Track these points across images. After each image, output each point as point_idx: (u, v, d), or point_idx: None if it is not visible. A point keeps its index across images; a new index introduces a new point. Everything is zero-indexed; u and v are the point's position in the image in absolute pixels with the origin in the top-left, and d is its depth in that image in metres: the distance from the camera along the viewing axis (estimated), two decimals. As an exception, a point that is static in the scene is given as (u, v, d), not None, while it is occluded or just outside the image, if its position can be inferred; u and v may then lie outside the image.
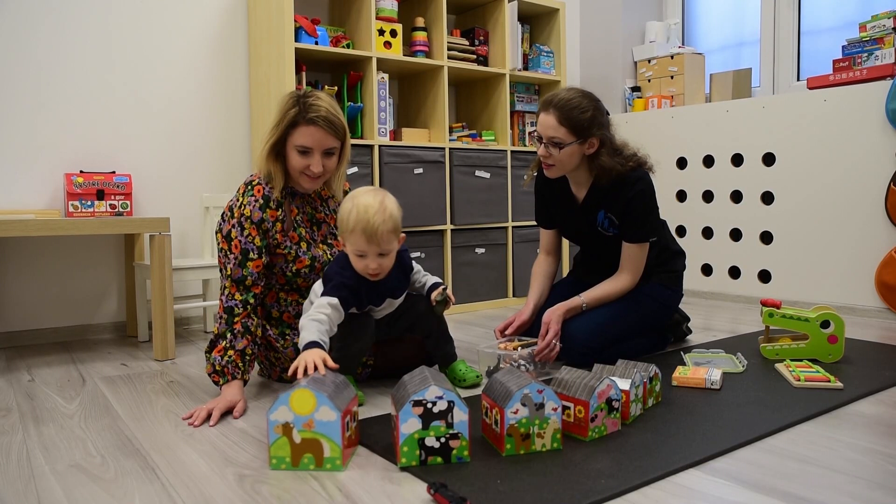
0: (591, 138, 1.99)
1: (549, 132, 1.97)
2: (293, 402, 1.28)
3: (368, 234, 1.61)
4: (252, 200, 1.79)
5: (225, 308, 1.76)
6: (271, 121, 1.81)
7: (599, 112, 2.00)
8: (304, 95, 1.79)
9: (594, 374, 1.47)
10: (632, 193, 2.02)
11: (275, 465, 1.31)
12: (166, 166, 2.88)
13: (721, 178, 3.40)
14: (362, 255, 1.66)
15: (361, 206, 1.62)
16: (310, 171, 1.78)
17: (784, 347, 2.08)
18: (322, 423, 1.28)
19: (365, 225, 1.61)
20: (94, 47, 2.71)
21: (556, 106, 1.96)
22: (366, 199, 1.64)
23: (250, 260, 1.77)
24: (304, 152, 1.77)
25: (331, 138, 1.78)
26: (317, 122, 1.74)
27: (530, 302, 2.19)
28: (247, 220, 1.78)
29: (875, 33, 2.91)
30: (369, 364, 1.91)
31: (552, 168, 2.03)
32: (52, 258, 2.68)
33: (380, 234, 1.62)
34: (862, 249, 2.90)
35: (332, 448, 1.29)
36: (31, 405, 1.79)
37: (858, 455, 1.33)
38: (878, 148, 2.83)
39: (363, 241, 1.63)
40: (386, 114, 3.08)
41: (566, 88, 2.02)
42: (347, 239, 1.67)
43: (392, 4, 3.07)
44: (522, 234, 3.51)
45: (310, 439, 1.29)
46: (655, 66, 3.86)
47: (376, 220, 1.61)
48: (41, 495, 1.22)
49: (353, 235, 1.64)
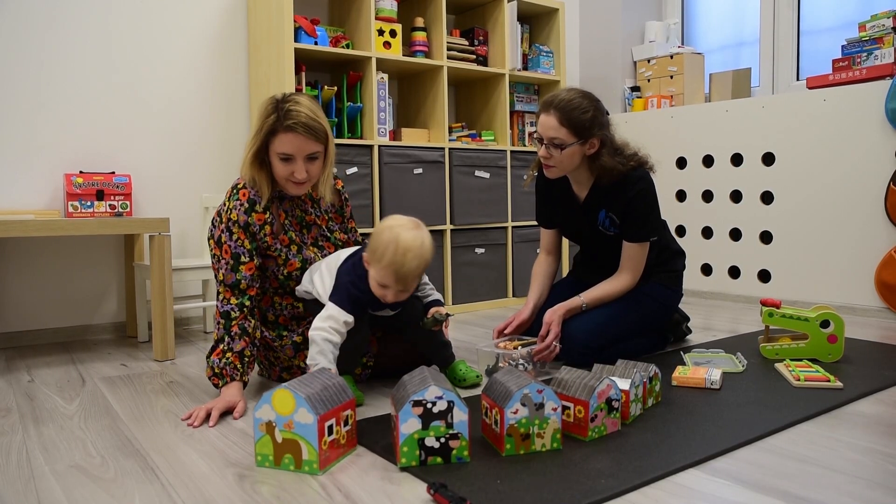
0: (591, 138, 1.99)
1: (549, 133, 1.97)
2: (275, 401, 1.28)
3: (399, 276, 1.60)
4: (238, 204, 1.78)
5: (221, 313, 1.76)
6: (252, 127, 1.78)
7: (600, 112, 2.00)
8: (282, 101, 1.75)
9: (594, 374, 1.47)
10: (633, 193, 2.03)
11: (259, 461, 1.32)
12: (166, 167, 2.88)
13: (721, 177, 3.40)
14: (386, 287, 1.64)
15: (401, 248, 1.58)
16: (294, 177, 1.76)
17: (784, 347, 2.08)
18: (300, 425, 1.27)
19: (398, 268, 1.59)
20: (95, 47, 2.71)
21: (556, 107, 1.96)
22: (406, 240, 1.59)
23: (242, 263, 1.76)
24: (286, 159, 1.74)
25: (312, 143, 1.74)
26: (295, 129, 1.70)
27: (530, 302, 2.19)
28: (234, 224, 1.77)
29: (874, 33, 2.91)
30: (369, 365, 1.91)
31: (553, 169, 2.03)
32: (52, 258, 2.68)
33: (410, 278, 1.62)
34: (862, 249, 2.90)
35: (310, 451, 1.28)
36: (30, 406, 1.79)
37: (858, 455, 1.33)
38: (878, 147, 2.83)
39: (392, 279, 1.61)
40: (385, 114, 3.08)
41: (566, 89, 2.02)
42: (376, 268, 1.63)
43: (391, 4, 3.07)
44: (522, 234, 3.51)
45: (290, 440, 1.29)
46: (655, 65, 3.86)
47: (411, 266, 1.59)
48: (41, 495, 1.22)
49: (384, 270, 1.61)
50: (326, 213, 1.99)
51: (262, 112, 1.76)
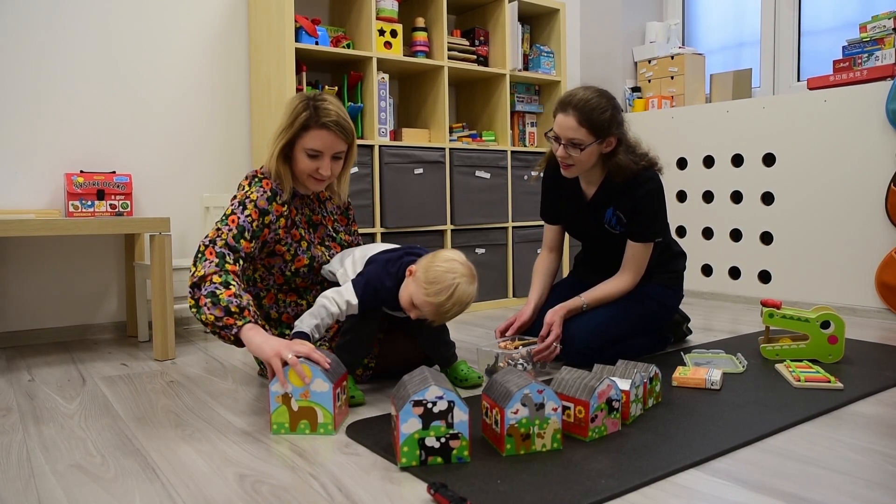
0: (609, 137, 1.98)
1: (568, 133, 1.95)
2: (291, 375, 1.46)
3: (437, 313, 1.66)
4: (260, 191, 1.78)
5: (216, 253, 1.64)
6: (280, 122, 1.80)
7: (617, 111, 1.99)
8: (314, 98, 1.79)
9: (594, 375, 1.47)
10: (643, 192, 2.02)
11: (275, 430, 1.50)
12: (167, 166, 2.88)
13: (721, 178, 3.40)
14: (417, 308, 1.68)
15: (455, 296, 1.62)
16: (318, 174, 1.80)
17: (784, 348, 2.08)
18: (316, 394, 1.47)
19: (440, 307, 1.63)
20: (96, 47, 2.72)
21: (575, 107, 1.94)
22: (462, 292, 1.63)
23: (244, 238, 1.71)
24: (314, 156, 1.78)
25: (340, 142, 1.80)
26: (329, 127, 1.76)
27: (531, 302, 2.19)
28: (252, 202, 1.75)
29: (875, 34, 2.91)
30: (371, 366, 1.91)
31: (572, 168, 2.02)
32: (53, 258, 2.68)
33: (444, 318, 1.69)
34: (862, 250, 2.90)
35: (325, 415, 1.48)
36: (31, 405, 1.79)
37: (858, 455, 1.33)
38: (879, 148, 2.83)
39: (430, 312, 1.66)
40: (386, 114, 3.08)
41: (582, 87, 2.00)
42: (419, 291, 1.64)
43: (392, 5, 3.07)
44: (522, 234, 3.51)
45: (305, 407, 1.48)
46: (655, 66, 3.86)
47: (452, 312, 1.66)
48: (41, 495, 1.22)
49: (427, 299, 1.63)
50: (332, 214, 2.01)
51: (292, 108, 1.79)
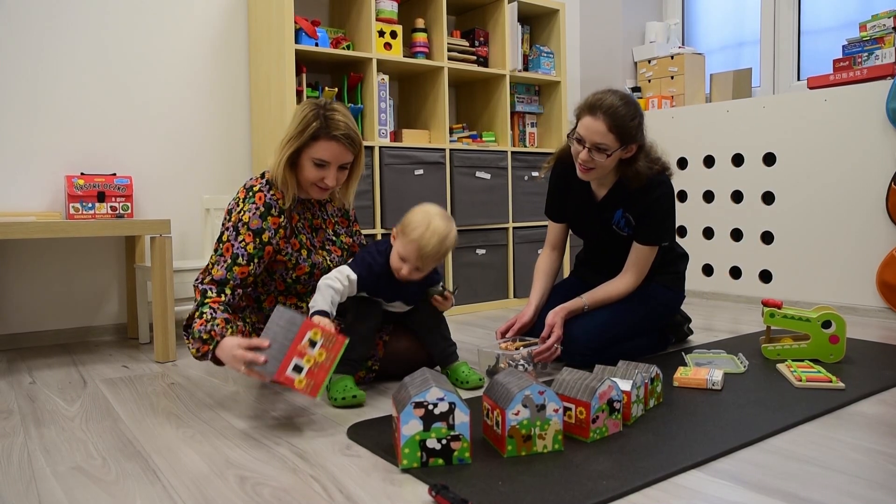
0: (632, 143, 1.98)
1: (595, 138, 1.94)
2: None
3: (421, 254, 1.75)
4: (252, 208, 1.79)
5: (200, 290, 1.77)
6: (289, 130, 1.79)
7: (642, 118, 1.99)
8: (324, 108, 1.79)
9: (595, 375, 1.47)
10: (654, 196, 2.03)
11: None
12: (167, 168, 2.88)
13: (721, 178, 3.40)
14: (405, 260, 1.78)
15: (431, 229, 1.74)
16: (323, 183, 1.81)
17: (785, 348, 2.08)
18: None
19: (423, 245, 1.74)
20: (96, 49, 2.72)
21: (605, 112, 1.91)
22: (438, 225, 1.76)
23: (237, 265, 1.76)
24: (320, 165, 1.79)
25: (348, 153, 1.81)
26: (339, 139, 1.77)
27: (532, 302, 2.19)
28: (244, 225, 1.78)
29: (875, 33, 2.91)
30: (374, 369, 1.91)
31: (592, 171, 2.01)
32: (53, 260, 2.68)
33: (430, 259, 1.77)
34: (863, 249, 2.90)
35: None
36: (32, 407, 1.79)
37: (860, 455, 1.33)
38: (879, 147, 2.83)
39: (414, 254, 1.76)
40: (386, 115, 3.08)
41: (609, 91, 1.97)
42: (402, 241, 1.78)
43: (392, 6, 3.07)
44: (523, 234, 3.51)
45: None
46: (655, 66, 3.86)
47: (435, 248, 1.75)
48: (42, 497, 1.22)
49: (409, 244, 1.76)
50: (332, 216, 2.02)
51: (302, 116, 1.78)
